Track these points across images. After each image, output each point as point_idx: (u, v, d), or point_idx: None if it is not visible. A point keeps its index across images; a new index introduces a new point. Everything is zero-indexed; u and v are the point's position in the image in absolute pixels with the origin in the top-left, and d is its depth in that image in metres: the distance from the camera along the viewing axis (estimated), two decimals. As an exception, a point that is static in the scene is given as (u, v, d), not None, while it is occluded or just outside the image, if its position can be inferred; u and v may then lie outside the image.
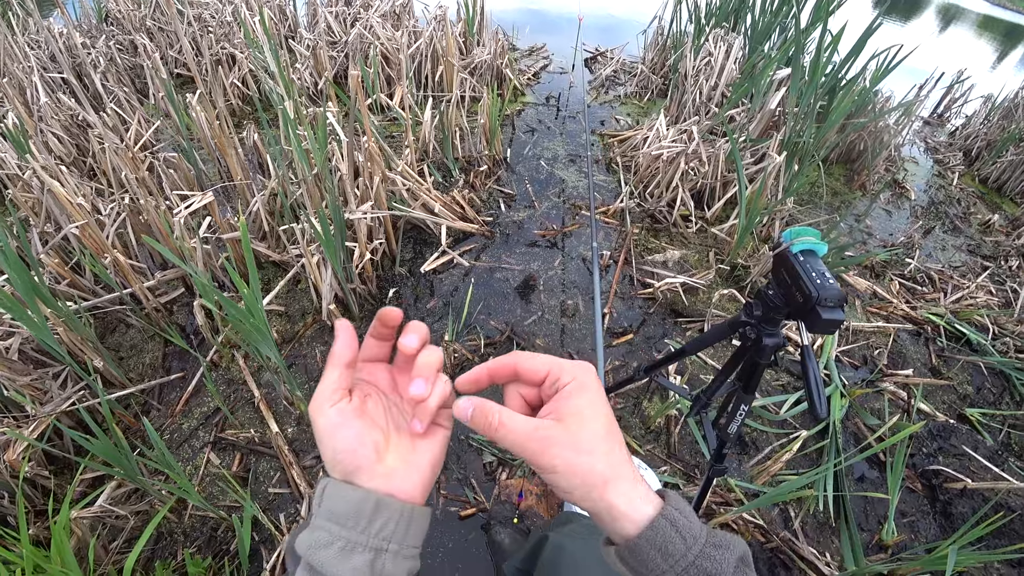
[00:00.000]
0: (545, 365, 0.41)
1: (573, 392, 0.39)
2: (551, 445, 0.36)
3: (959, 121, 4.32)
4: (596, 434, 0.37)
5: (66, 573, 1.02)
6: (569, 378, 0.39)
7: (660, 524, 0.35)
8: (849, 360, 2.00)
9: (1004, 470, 1.69)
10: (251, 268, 1.19)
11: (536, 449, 0.37)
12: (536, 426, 0.38)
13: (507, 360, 0.42)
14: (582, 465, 0.36)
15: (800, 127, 2.41)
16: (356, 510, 0.36)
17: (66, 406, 1.42)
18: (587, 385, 0.39)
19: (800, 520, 1.49)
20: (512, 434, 0.37)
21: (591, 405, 0.38)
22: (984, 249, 2.84)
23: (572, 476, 0.36)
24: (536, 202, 2.53)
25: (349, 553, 0.35)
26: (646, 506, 0.36)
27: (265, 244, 1.95)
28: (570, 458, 0.36)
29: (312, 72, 2.97)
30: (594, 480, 0.36)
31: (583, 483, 0.36)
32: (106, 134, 1.88)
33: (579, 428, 0.37)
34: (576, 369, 0.40)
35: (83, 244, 1.62)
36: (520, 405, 0.42)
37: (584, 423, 0.37)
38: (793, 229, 0.87)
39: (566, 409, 0.38)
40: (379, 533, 0.36)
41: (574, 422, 0.37)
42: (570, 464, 0.36)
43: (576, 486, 0.36)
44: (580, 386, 0.39)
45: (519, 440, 0.37)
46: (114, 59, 2.88)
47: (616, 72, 3.97)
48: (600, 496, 0.36)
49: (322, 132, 1.63)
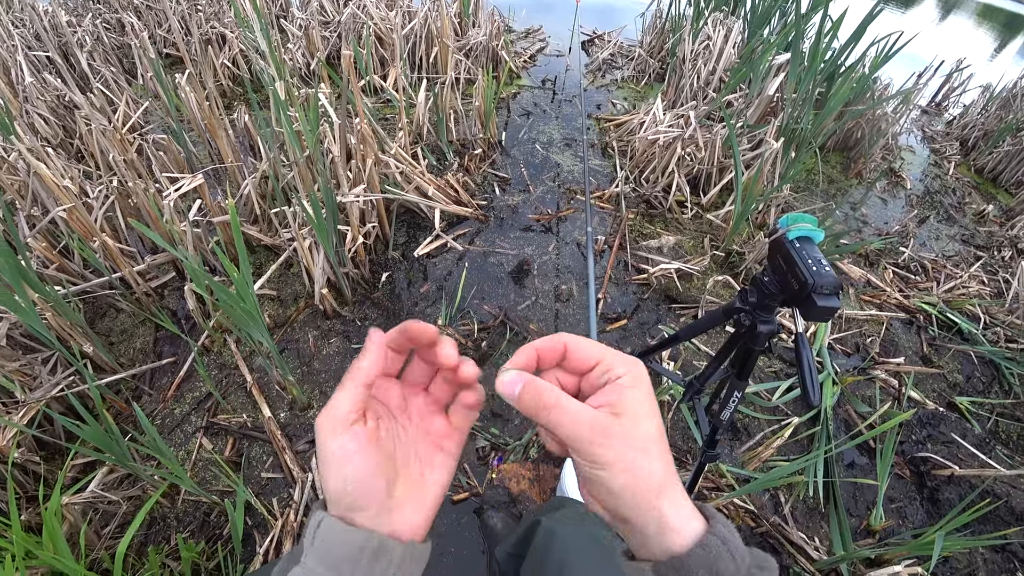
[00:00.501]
0: (598, 352, 0.38)
1: (630, 386, 0.35)
2: (608, 436, 0.33)
3: (957, 110, 4.31)
4: (651, 435, 0.34)
5: (58, 559, 1.02)
6: (624, 370, 0.36)
7: (712, 543, 0.32)
8: (842, 348, 2.01)
9: (991, 458, 1.71)
10: (241, 252, 1.17)
11: (590, 438, 0.33)
12: (598, 414, 0.34)
13: (555, 341, 0.39)
14: (639, 465, 0.33)
15: (798, 113, 2.39)
16: (356, 554, 0.32)
17: (56, 392, 1.40)
18: (643, 381, 0.36)
19: (790, 505, 1.50)
20: (567, 417, 0.34)
21: (648, 403, 0.35)
22: (978, 239, 2.85)
23: (625, 475, 0.33)
24: (531, 186, 2.51)
25: None
26: (695, 521, 0.34)
27: (257, 228, 1.92)
28: (626, 455, 0.33)
29: (304, 52, 2.92)
30: (649, 484, 0.33)
31: (635, 485, 0.33)
32: (93, 115, 1.85)
33: (635, 425, 0.34)
34: (630, 362, 0.37)
35: (71, 228, 1.60)
36: None
37: (641, 421, 0.34)
38: (790, 215, 0.86)
39: (623, 403, 0.35)
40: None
41: (631, 418, 0.34)
42: (626, 461, 0.33)
43: (625, 487, 0.33)
44: (636, 380, 0.36)
45: (573, 426, 0.34)
46: (101, 38, 2.81)
47: (613, 55, 3.93)
48: (651, 504, 0.33)
49: (314, 114, 1.60)
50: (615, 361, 0.37)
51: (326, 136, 1.81)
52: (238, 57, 2.88)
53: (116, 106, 2.31)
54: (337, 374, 1.65)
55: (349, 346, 1.73)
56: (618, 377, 0.36)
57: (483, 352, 1.76)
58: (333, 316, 1.80)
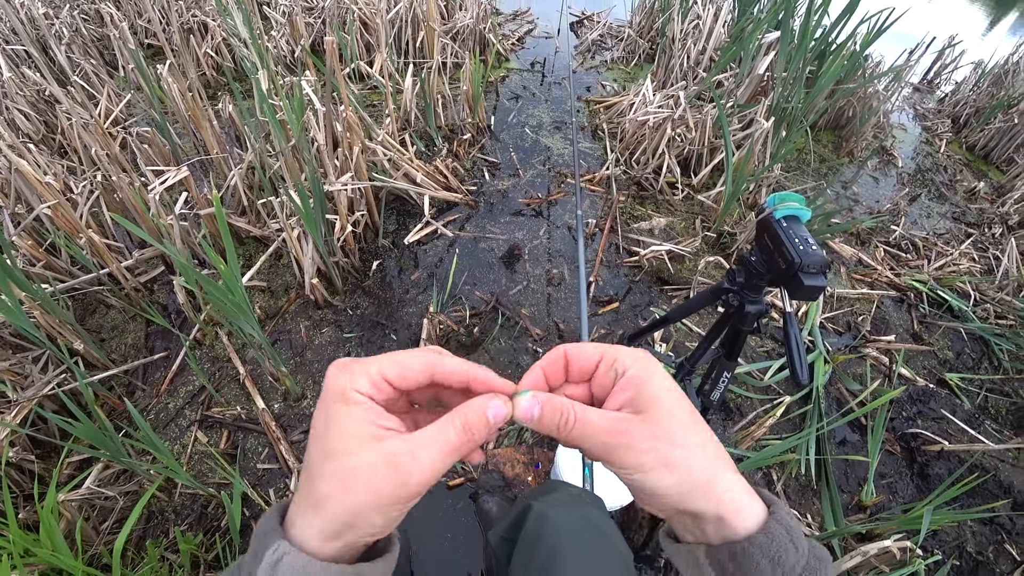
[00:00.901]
0: (596, 349, 0.35)
1: (643, 378, 0.33)
2: (636, 439, 0.31)
3: (949, 88, 4.29)
4: (684, 424, 0.32)
5: (56, 556, 1.02)
6: (631, 361, 0.34)
7: (775, 531, 0.30)
8: (833, 327, 2.02)
9: (980, 432, 1.73)
10: (228, 244, 1.16)
11: (619, 445, 0.31)
12: (616, 418, 0.32)
13: (556, 354, 0.36)
14: (678, 460, 0.31)
15: (788, 92, 2.38)
16: None
17: (47, 390, 1.40)
18: (656, 369, 0.34)
19: (783, 483, 1.52)
20: (590, 428, 0.32)
21: (669, 391, 0.33)
22: (968, 216, 2.86)
23: (666, 474, 0.31)
24: (521, 170, 2.49)
25: None
26: (756, 505, 0.32)
27: (245, 219, 1.90)
28: (663, 452, 0.31)
29: (288, 40, 2.87)
30: (696, 477, 0.31)
31: (681, 481, 0.31)
32: (74, 109, 1.81)
33: (664, 418, 0.31)
34: (635, 352, 0.35)
35: (56, 225, 1.58)
36: None
37: (668, 412, 0.32)
38: (777, 194, 0.86)
39: (642, 398, 0.32)
40: None
41: (656, 412, 0.32)
42: (664, 459, 0.31)
43: (672, 486, 0.31)
44: (648, 370, 0.33)
45: (599, 437, 0.31)
46: (79, 30, 2.76)
47: (603, 36, 3.88)
48: (704, 495, 0.31)
49: (298, 102, 1.57)
50: (619, 353, 0.35)
51: (311, 125, 1.79)
52: (221, 46, 2.83)
53: (97, 99, 2.27)
54: (330, 363, 1.65)
55: (341, 335, 1.73)
56: (627, 370, 0.34)
57: (475, 338, 1.76)
58: (324, 306, 1.79)
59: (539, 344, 1.77)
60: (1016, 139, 3.29)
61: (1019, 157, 3.23)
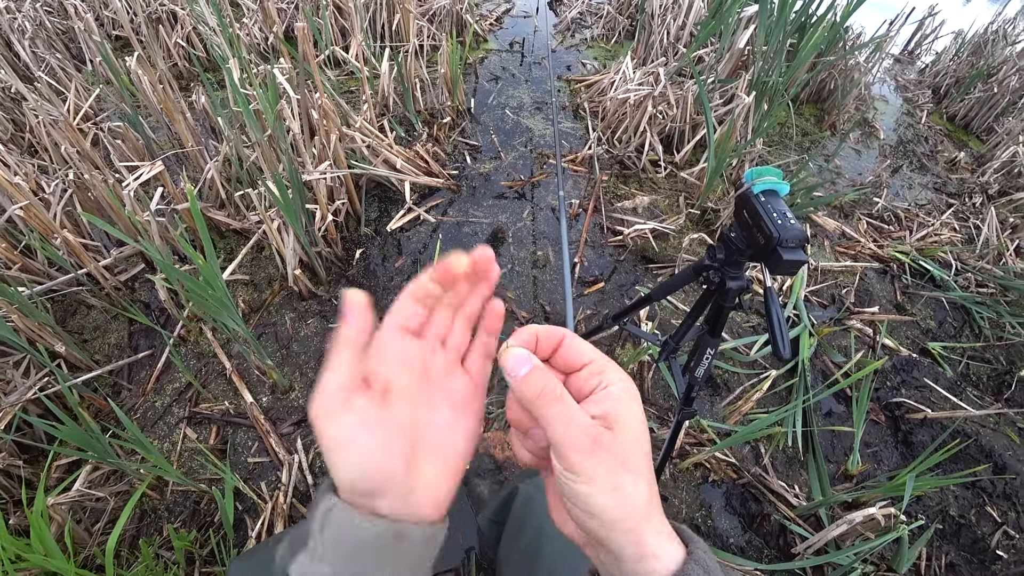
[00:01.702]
0: (591, 352, 0.35)
1: (624, 399, 0.33)
2: (599, 448, 0.31)
3: (929, 58, 4.29)
4: (641, 455, 0.32)
5: (48, 560, 1.01)
6: (617, 378, 0.33)
7: (692, 572, 0.31)
8: (818, 300, 2.04)
9: (962, 399, 1.77)
10: (205, 238, 1.14)
11: (583, 447, 0.31)
12: (591, 421, 0.32)
13: (554, 332, 0.35)
14: (626, 485, 0.31)
15: (769, 66, 2.36)
16: (373, 546, 0.30)
17: (31, 395, 1.38)
18: (637, 396, 0.34)
19: (770, 456, 1.55)
20: (565, 416, 0.31)
21: (641, 422, 0.33)
22: (949, 187, 2.88)
23: (609, 493, 0.31)
24: (502, 153, 2.47)
25: None
26: (675, 547, 0.32)
27: (224, 212, 1.87)
28: (617, 472, 0.31)
29: (261, 27, 2.80)
30: (633, 507, 0.31)
31: (617, 505, 0.31)
32: (41, 106, 1.76)
33: (629, 442, 0.32)
34: (624, 374, 0.34)
35: (30, 226, 1.54)
36: None
37: (634, 439, 0.32)
38: (755, 169, 0.85)
39: (617, 415, 0.32)
40: (396, 565, 0.31)
41: (623, 434, 0.32)
42: (613, 479, 0.31)
43: (607, 507, 0.31)
44: (630, 393, 0.33)
45: (568, 427, 0.31)
46: (43, 23, 2.67)
47: (582, 14, 3.83)
48: (631, 527, 0.31)
49: (272, 91, 1.54)
50: (608, 366, 0.34)
51: (286, 113, 1.75)
52: (192, 35, 2.76)
53: (65, 95, 2.21)
54: (316, 354, 1.64)
55: (327, 326, 1.72)
56: (610, 384, 0.33)
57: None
58: (309, 297, 1.78)
59: (527, 328, 1.77)
60: (995, 108, 3.31)
61: (998, 126, 3.25)
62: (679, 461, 1.49)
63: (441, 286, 0.36)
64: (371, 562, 0.30)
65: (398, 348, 0.35)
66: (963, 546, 1.47)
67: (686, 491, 1.46)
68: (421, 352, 0.36)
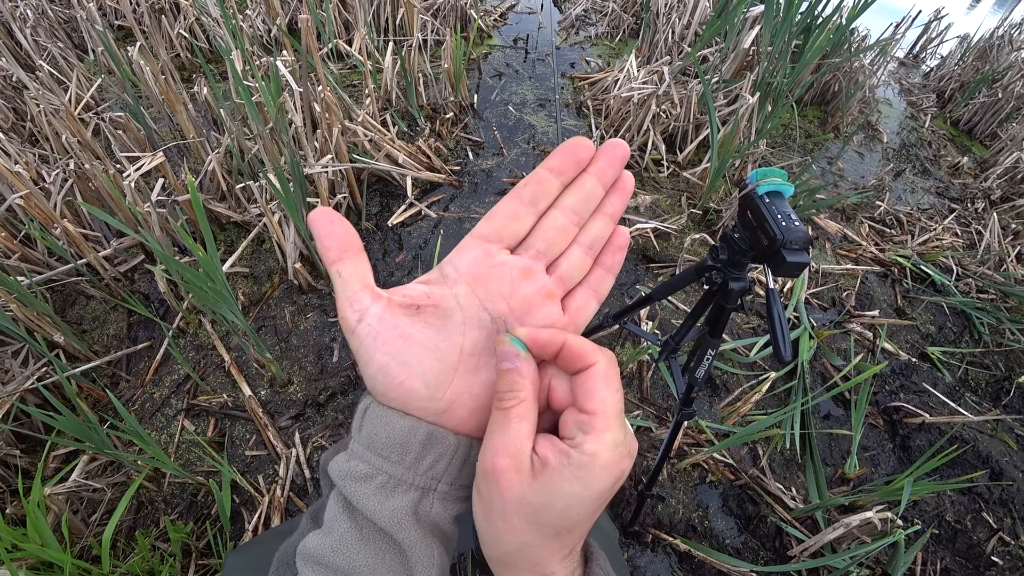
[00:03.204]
0: (601, 401, 0.29)
1: (573, 475, 0.28)
2: (500, 480, 0.28)
3: (934, 62, 4.28)
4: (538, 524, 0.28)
5: (44, 550, 1.01)
6: (591, 451, 0.28)
7: None
8: (818, 302, 2.04)
9: (960, 405, 1.77)
10: (206, 231, 1.14)
11: (487, 469, 0.29)
12: (520, 449, 0.29)
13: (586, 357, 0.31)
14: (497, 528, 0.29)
15: (774, 67, 2.36)
16: (403, 442, 0.30)
17: (28, 384, 1.37)
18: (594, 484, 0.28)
19: (767, 457, 1.55)
20: (504, 426, 0.29)
21: (577, 504, 0.28)
22: (952, 191, 2.88)
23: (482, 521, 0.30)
24: (505, 149, 2.46)
25: (391, 491, 0.30)
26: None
27: (225, 204, 1.87)
28: (493, 510, 0.29)
29: (264, 18, 2.79)
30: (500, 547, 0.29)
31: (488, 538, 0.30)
32: (42, 95, 1.76)
33: (536, 506, 0.28)
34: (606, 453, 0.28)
35: (30, 215, 1.53)
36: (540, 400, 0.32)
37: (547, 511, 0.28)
38: (759, 170, 0.85)
39: (552, 477, 0.28)
40: (429, 471, 0.31)
41: (540, 494, 0.28)
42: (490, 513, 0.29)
43: (481, 530, 0.30)
44: (584, 479, 0.28)
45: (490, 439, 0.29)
46: (45, 12, 2.65)
47: (587, 11, 3.82)
48: (493, 568, 0.31)
49: (275, 84, 1.53)
50: (594, 437, 0.28)
51: (288, 106, 1.75)
52: (194, 26, 2.74)
53: (67, 85, 2.20)
54: (316, 348, 1.64)
55: (326, 320, 1.71)
56: (578, 450, 0.28)
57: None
58: (309, 290, 1.77)
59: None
60: (1000, 114, 3.30)
61: (1002, 132, 3.24)
62: (677, 461, 1.49)
63: (559, 177, 0.33)
64: (403, 459, 0.30)
65: (472, 261, 0.33)
66: (958, 552, 1.47)
67: (683, 491, 1.46)
68: (497, 267, 0.33)
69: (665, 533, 1.37)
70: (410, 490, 0.30)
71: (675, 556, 1.35)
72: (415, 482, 0.30)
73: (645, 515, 1.38)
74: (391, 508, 0.30)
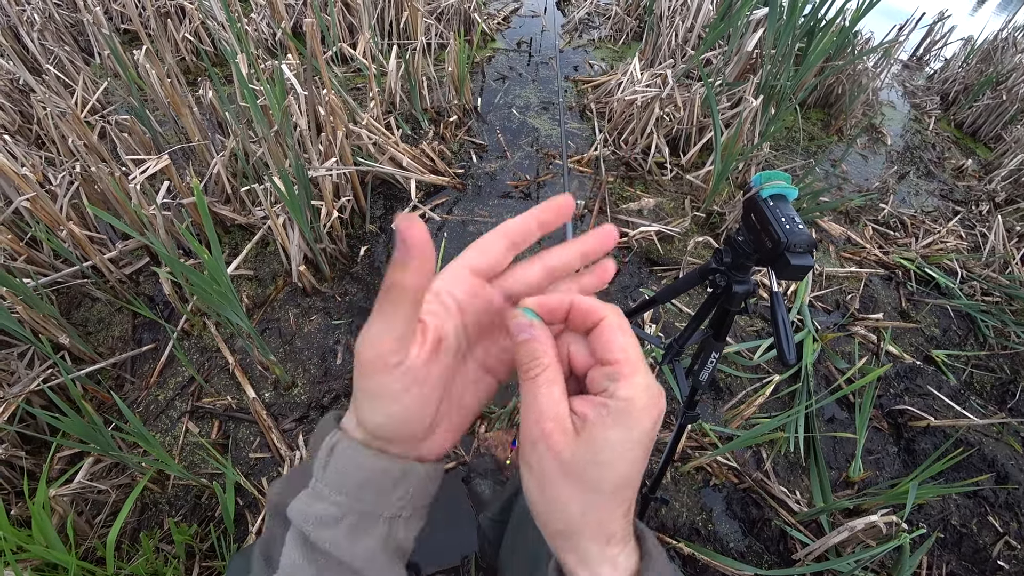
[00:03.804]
0: (620, 351, 0.29)
1: (612, 420, 0.28)
2: (547, 445, 0.28)
3: (938, 64, 4.27)
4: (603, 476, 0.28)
5: (49, 551, 1.02)
6: (626, 395, 0.28)
7: None
8: (822, 305, 2.04)
9: (965, 408, 1.76)
10: (211, 233, 1.14)
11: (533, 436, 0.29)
12: (560, 412, 0.29)
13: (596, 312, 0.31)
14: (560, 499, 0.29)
15: (777, 70, 2.36)
16: (377, 482, 0.30)
17: (34, 386, 1.38)
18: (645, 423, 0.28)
19: (772, 461, 1.54)
20: (535, 396, 0.29)
21: (631, 446, 0.28)
22: (956, 194, 2.87)
23: (538, 492, 0.29)
24: (508, 152, 2.47)
25: (363, 531, 0.30)
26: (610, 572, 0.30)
27: (230, 207, 1.88)
28: (552, 479, 0.29)
29: (269, 22, 2.80)
30: (561, 519, 0.29)
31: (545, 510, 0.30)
32: (49, 98, 1.77)
33: (587, 457, 0.28)
34: (646, 388, 0.28)
35: (36, 217, 1.54)
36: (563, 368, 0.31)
37: (604, 457, 0.28)
38: (763, 173, 0.85)
39: (593, 427, 0.28)
40: (398, 502, 0.31)
41: (587, 448, 0.28)
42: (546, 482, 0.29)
43: (534, 503, 0.30)
44: (637, 416, 0.28)
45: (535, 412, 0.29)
46: (52, 16, 2.67)
47: (590, 15, 3.82)
48: (553, 540, 0.30)
49: (279, 87, 1.54)
50: (627, 380, 0.28)
51: (293, 109, 1.76)
52: (200, 30, 2.76)
53: (73, 88, 2.22)
54: (319, 351, 1.64)
55: (330, 322, 1.72)
56: (617, 399, 0.28)
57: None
58: (313, 293, 1.78)
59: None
60: (1004, 116, 3.29)
61: (1006, 134, 3.23)
62: (680, 464, 1.49)
63: (542, 229, 0.33)
64: (376, 496, 0.30)
65: (467, 292, 0.32)
66: (964, 556, 1.46)
67: (687, 495, 1.46)
68: (486, 303, 0.33)
69: (669, 536, 1.37)
70: (380, 523, 0.30)
71: (679, 560, 1.35)
72: (385, 514, 0.30)
73: (649, 519, 1.38)
74: (363, 547, 0.29)
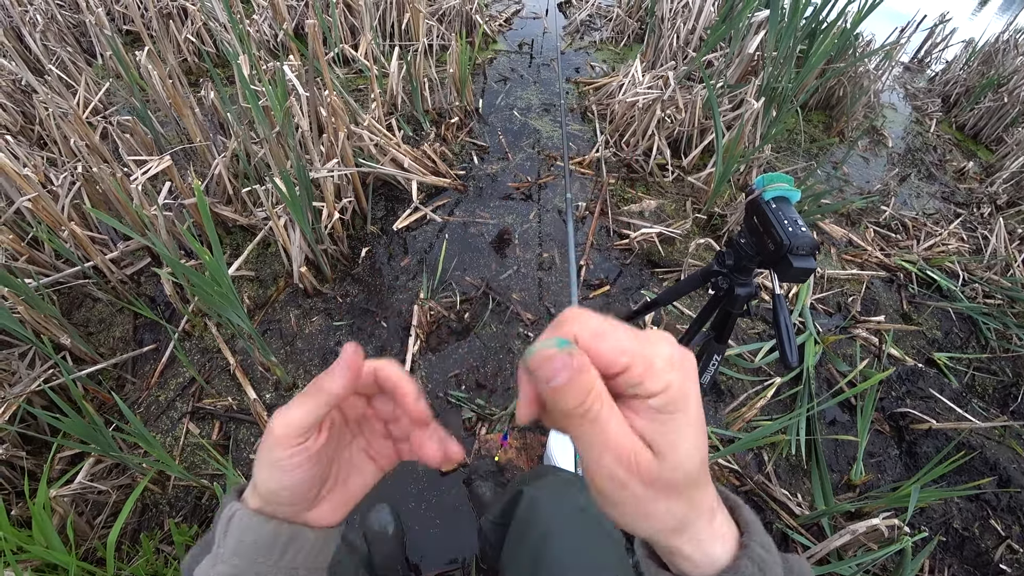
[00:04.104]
0: (623, 353, 0.26)
1: (669, 413, 0.27)
2: (634, 479, 0.27)
3: (939, 67, 4.27)
4: (690, 474, 0.28)
5: (50, 552, 1.01)
6: (661, 386, 0.26)
7: (745, 569, 0.29)
8: (824, 307, 2.03)
9: (967, 411, 1.75)
10: (212, 234, 1.14)
11: (616, 477, 0.27)
12: (632, 444, 0.27)
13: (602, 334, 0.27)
14: (658, 512, 0.28)
15: (779, 72, 2.36)
16: (269, 544, 0.34)
17: (35, 386, 1.38)
18: (688, 395, 0.27)
19: (773, 463, 1.54)
20: (602, 438, 0.26)
21: (692, 429, 0.27)
22: (957, 196, 2.87)
23: (640, 519, 0.28)
24: (510, 154, 2.47)
25: None
26: (723, 547, 0.30)
27: (231, 208, 1.88)
28: (648, 500, 0.27)
29: (271, 23, 2.81)
30: (663, 525, 0.29)
31: (648, 527, 0.29)
32: (51, 99, 1.77)
33: (672, 466, 0.27)
34: (669, 369, 0.27)
35: (37, 218, 1.54)
36: None
37: (682, 460, 0.27)
38: (765, 175, 0.85)
39: (663, 440, 0.27)
40: (290, 563, 0.35)
41: (668, 458, 0.27)
42: (645, 507, 0.28)
43: (638, 529, 0.29)
44: (676, 402, 0.27)
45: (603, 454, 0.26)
46: (55, 17, 2.68)
47: (591, 17, 3.83)
48: (665, 539, 0.29)
49: (281, 88, 1.54)
50: (650, 369, 0.26)
51: (295, 110, 1.76)
52: (202, 31, 2.76)
53: (75, 89, 2.22)
54: (320, 352, 1.64)
55: (331, 323, 1.72)
56: (655, 395, 0.26)
57: (466, 324, 1.76)
58: (314, 294, 1.78)
59: (530, 329, 1.77)
60: (1005, 118, 3.29)
61: (1008, 137, 3.23)
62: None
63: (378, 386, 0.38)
64: (268, 559, 0.34)
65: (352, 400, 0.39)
66: (966, 559, 1.46)
67: (688, 497, 1.45)
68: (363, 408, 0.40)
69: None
70: None
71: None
72: (278, 574, 0.34)
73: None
74: None
